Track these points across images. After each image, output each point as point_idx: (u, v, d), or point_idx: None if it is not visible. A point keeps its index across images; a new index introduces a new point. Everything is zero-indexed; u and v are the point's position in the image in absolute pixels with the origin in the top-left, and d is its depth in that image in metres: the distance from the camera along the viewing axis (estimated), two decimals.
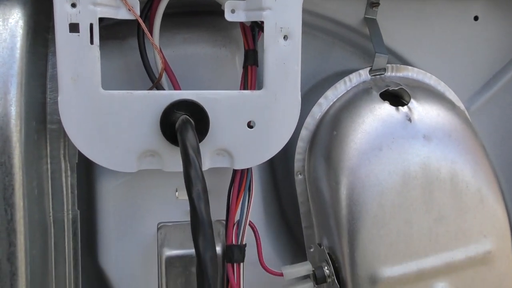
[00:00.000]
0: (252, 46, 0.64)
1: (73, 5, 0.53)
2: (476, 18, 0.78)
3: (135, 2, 0.56)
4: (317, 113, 0.71)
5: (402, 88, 0.68)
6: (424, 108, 0.67)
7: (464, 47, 0.79)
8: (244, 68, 0.64)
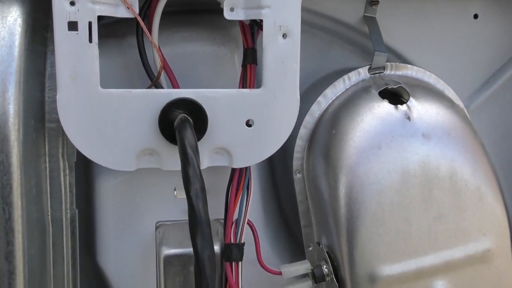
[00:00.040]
0: (251, 44, 0.64)
1: (71, 3, 0.53)
2: (476, 16, 0.78)
3: (134, 1, 0.55)
4: (316, 111, 0.71)
5: (401, 87, 0.68)
6: (423, 106, 0.67)
7: (464, 45, 0.79)
8: (243, 67, 0.64)
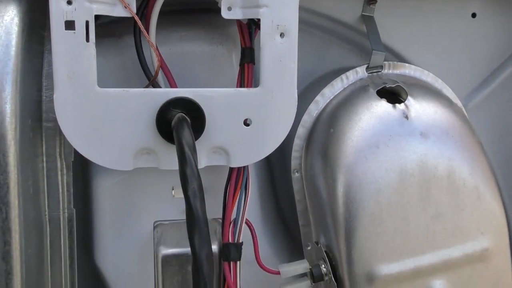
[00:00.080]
0: (249, 43, 0.64)
1: (68, 2, 0.53)
2: (473, 15, 0.78)
3: (131, 0, 0.55)
4: (314, 110, 0.71)
5: (399, 86, 0.68)
6: (421, 105, 0.67)
7: (462, 44, 0.79)
8: (241, 66, 0.64)
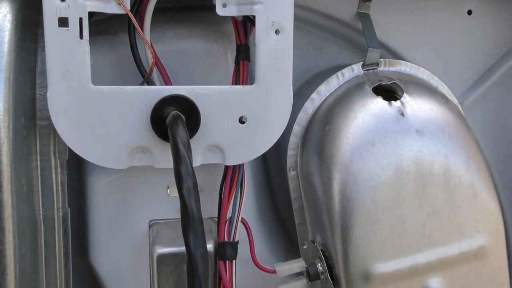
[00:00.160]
0: (244, 41, 0.64)
1: None
2: (469, 12, 0.78)
3: None
4: (309, 108, 0.71)
5: (395, 83, 0.68)
6: (417, 102, 0.67)
7: (458, 42, 0.79)
8: (236, 63, 0.64)
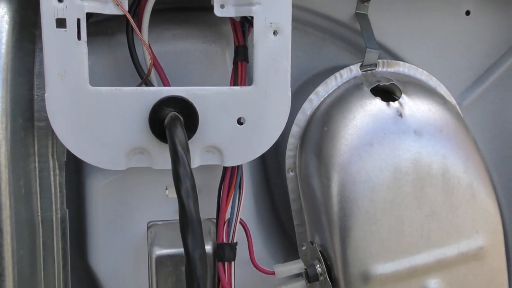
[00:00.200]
0: (242, 42, 0.64)
1: (60, 0, 0.52)
2: (467, 13, 0.78)
3: None
4: (308, 109, 0.71)
5: (393, 84, 0.68)
6: (415, 103, 0.67)
7: (456, 42, 0.79)
8: (234, 64, 0.64)
